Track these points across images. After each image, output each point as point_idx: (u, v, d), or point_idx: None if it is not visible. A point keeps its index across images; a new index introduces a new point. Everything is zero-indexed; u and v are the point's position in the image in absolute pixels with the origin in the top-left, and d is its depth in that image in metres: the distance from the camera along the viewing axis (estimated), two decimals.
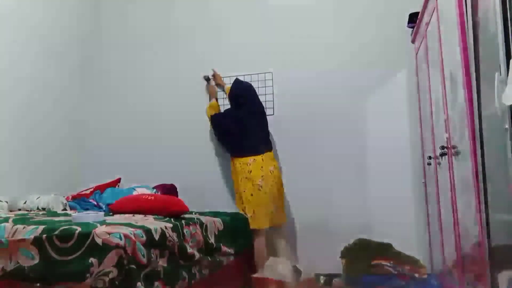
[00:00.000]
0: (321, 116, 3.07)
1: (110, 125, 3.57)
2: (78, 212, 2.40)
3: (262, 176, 2.79)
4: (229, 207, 2.96)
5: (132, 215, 2.04)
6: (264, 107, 3.12)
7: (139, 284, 1.43)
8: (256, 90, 3.21)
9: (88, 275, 1.38)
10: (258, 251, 2.76)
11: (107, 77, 3.65)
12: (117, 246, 1.40)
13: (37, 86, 3.08)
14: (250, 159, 2.85)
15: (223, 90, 3.32)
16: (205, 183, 3.23)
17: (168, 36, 3.53)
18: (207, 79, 3.34)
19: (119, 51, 3.65)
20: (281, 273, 2.59)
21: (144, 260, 1.49)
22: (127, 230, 1.49)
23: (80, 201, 2.77)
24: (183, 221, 1.93)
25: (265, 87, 3.23)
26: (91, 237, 1.44)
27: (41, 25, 3.15)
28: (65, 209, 2.60)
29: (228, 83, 3.27)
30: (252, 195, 2.78)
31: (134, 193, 2.74)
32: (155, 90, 3.51)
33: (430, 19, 2.22)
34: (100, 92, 3.64)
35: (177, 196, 3.00)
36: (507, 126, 1.17)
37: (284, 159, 3.10)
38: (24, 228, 1.54)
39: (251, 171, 2.82)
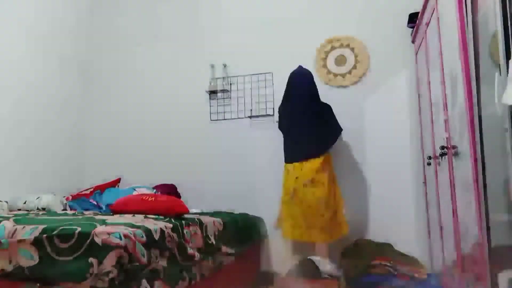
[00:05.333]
0: None
1: (110, 125, 3.57)
2: (78, 212, 2.40)
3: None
4: (229, 207, 2.96)
5: (132, 215, 2.04)
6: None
7: (139, 284, 1.43)
8: (257, 90, 3.18)
9: (88, 275, 1.37)
10: None
11: (107, 77, 3.65)
12: (117, 246, 1.40)
13: (37, 86, 3.07)
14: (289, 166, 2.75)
15: None
16: (205, 183, 3.22)
17: (169, 35, 3.53)
18: None
19: (118, 51, 3.64)
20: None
21: (144, 260, 1.48)
22: (127, 230, 1.49)
23: (80, 201, 2.77)
24: (183, 221, 1.93)
25: (265, 87, 3.23)
26: (91, 237, 1.43)
27: (41, 25, 3.15)
28: (65, 209, 2.60)
29: (228, 83, 3.28)
30: None
31: (134, 193, 2.73)
32: (155, 89, 3.51)
33: (430, 19, 2.22)
34: (100, 92, 3.64)
35: (179, 195, 3.00)
36: (507, 126, 1.17)
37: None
38: (23, 228, 1.54)
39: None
